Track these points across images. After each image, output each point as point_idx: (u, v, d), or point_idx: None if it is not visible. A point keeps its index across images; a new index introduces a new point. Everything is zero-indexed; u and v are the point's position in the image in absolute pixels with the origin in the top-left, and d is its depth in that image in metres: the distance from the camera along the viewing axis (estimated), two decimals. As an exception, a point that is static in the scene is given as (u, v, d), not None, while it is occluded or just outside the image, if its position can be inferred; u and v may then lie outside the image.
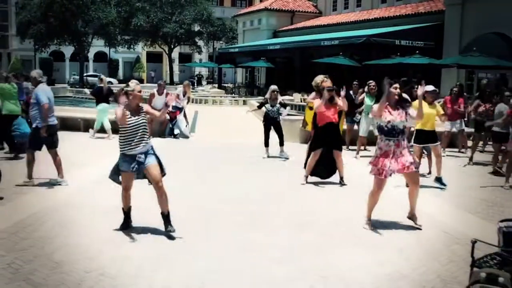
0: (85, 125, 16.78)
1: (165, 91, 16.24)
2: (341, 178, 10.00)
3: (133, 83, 6.65)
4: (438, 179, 10.00)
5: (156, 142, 8.72)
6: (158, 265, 5.66)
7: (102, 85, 16.32)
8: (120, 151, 6.51)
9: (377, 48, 25.78)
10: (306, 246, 6.39)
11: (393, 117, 6.91)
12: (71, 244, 6.20)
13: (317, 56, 29.14)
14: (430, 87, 10.13)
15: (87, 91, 17.53)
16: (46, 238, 6.41)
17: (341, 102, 9.71)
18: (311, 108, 14.72)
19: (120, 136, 6.51)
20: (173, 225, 6.55)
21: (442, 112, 10.35)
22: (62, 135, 15.66)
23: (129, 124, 6.41)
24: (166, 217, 6.58)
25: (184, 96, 16.41)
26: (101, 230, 6.76)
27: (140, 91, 6.58)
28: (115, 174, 6.73)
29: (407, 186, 8.05)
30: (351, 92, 14.25)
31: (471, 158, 12.74)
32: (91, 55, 60.34)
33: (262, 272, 5.55)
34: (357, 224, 7.29)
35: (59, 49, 56.11)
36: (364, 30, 28.38)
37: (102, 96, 15.98)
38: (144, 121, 6.55)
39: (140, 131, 6.46)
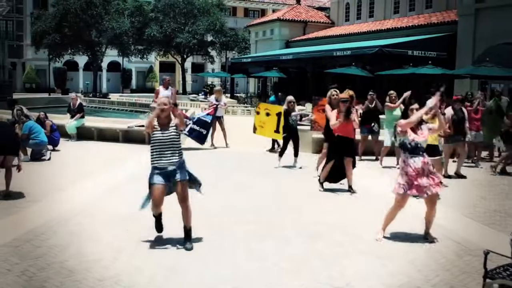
0: (99, 134, 16.95)
1: (169, 86, 16.48)
2: (350, 186, 10.11)
3: (161, 99, 6.64)
4: None
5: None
6: (171, 273, 5.68)
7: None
8: (151, 164, 6.45)
9: (390, 59, 25.75)
10: (318, 256, 6.38)
11: (417, 135, 6.92)
12: (84, 252, 6.24)
13: (329, 66, 29.13)
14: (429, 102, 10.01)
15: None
16: (59, 246, 6.45)
17: (357, 120, 10.03)
18: (258, 113, 15.09)
19: (151, 149, 6.47)
20: (191, 242, 6.54)
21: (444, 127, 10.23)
22: (75, 144, 15.86)
23: (156, 137, 6.41)
24: (187, 232, 6.59)
25: (218, 102, 16.44)
26: (114, 238, 6.80)
27: (160, 104, 6.47)
28: (147, 199, 6.63)
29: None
30: (366, 102, 14.27)
31: (496, 167, 12.75)
32: (104, 64, 60.80)
33: (274, 282, 5.55)
34: (369, 234, 7.28)
35: (73, 58, 56.62)
36: (377, 40, 28.40)
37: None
38: (174, 135, 6.44)
39: (169, 145, 6.39)
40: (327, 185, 10.37)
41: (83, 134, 16.96)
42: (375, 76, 25.24)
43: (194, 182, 6.77)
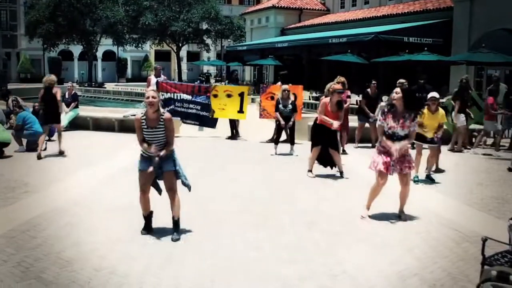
0: (94, 124, 16.88)
1: (161, 76, 16.52)
2: (341, 172, 10.38)
3: (148, 92, 6.41)
4: (428, 176, 10.09)
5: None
6: (167, 263, 5.66)
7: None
8: (140, 152, 6.45)
9: (385, 46, 25.71)
10: (314, 245, 6.38)
11: (395, 124, 7.10)
12: (80, 242, 6.22)
13: (325, 53, 29.06)
14: (433, 94, 9.98)
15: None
16: (55, 236, 6.43)
17: (342, 115, 10.38)
18: (215, 96, 15.29)
19: None
20: (179, 234, 6.49)
21: (444, 121, 10.18)
22: (70, 134, 15.79)
23: (144, 132, 6.29)
24: (175, 222, 6.54)
25: None
26: (110, 229, 6.78)
27: (148, 97, 6.24)
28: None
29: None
30: (368, 90, 14.07)
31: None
32: (99, 54, 60.58)
33: (271, 270, 5.54)
34: (365, 222, 7.30)
35: (67, 48, 56.38)
36: (372, 27, 28.32)
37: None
38: (161, 133, 6.28)
39: (158, 141, 6.29)
40: (323, 172, 10.40)
41: (78, 124, 16.89)
42: (371, 63, 25.20)
43: (179, 174, 6.54)
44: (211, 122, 15.83)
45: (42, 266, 5.47)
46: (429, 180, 10.04)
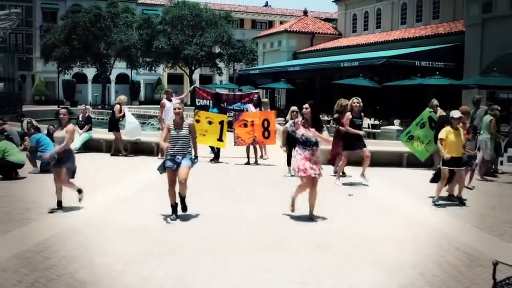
0: (108, 146, 17.00)
1: (173, 98, 16.40)
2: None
3: (175, 104, 8.77)
4: (459, 199, 10.06)
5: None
6: (178, 283, 5.69)
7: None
8: (166, 153, 8.45)
9: (397, 69, 25.74)
10: (326, 267, 6.37)
11: (305, 130, 8.47)
12: (93, 264, 6.27)
13: (337, 77, 29.16)
14: (456, 113, 9.94)
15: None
16: (69, 257, 6.48)
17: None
18: (197, 121, 15.15)
19: (168, 142, 8.39)
20: (186, 210, 8.51)
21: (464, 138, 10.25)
22: (83, 156, 15.92)
23: (172, 135, 8.34)
24: (182, 199, 8.49)
25: None
26: (123, 250, 6.82)
27: (175, 108, 8.57)
28: (161, 167, 8.45)
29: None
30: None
31: None
32: (113, 77, 61.20)
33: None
34: (378, 245, 7.28)
35: (81, 71, 56.99)
36: (384, 51, 28.37)
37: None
38: (185, 134, 8.38)
39: (180, 142, 8.35)
40: (336, 194, 10.38)
41: (92, 146, 17.05)
42: (383, 87, 25.22)
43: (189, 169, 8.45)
44: None
45: (56, 287, 5.51)
46: (460, 202, 10.05)
